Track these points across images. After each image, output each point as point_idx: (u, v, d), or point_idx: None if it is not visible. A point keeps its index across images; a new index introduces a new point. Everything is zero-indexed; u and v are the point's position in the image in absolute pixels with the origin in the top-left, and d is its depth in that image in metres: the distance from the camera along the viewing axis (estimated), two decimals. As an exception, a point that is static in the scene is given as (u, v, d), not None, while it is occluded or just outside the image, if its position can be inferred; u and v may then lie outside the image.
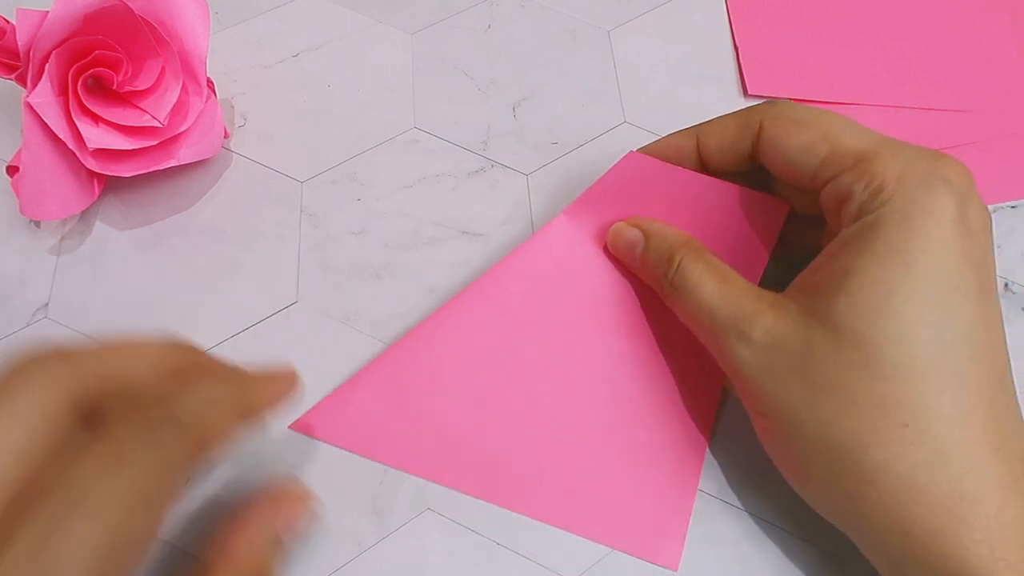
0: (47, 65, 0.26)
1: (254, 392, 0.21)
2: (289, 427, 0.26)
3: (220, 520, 0.23)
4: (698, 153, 0.25)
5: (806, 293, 0.21)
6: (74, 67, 0.27)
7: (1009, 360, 0.21)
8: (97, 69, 0.27)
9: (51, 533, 0.15)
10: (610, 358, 0.26)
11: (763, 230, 0.25)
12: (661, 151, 0.26)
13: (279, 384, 0.22)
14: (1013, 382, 0.21)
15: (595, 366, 0.26)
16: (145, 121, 0.28)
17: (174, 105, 0.28)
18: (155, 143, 0.28)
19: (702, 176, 0.25)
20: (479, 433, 0.25)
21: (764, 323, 0.21)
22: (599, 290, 0.27)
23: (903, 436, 0.19)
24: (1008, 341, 0.28)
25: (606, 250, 0.27)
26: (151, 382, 0.19)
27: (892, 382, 0.19)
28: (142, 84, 0.28)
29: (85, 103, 0.27)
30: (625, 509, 0.24)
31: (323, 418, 0.26)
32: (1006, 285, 0.30)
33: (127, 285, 0.29)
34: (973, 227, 0.20)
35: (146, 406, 0.17)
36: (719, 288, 0.23)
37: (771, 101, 0.24)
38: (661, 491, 0.24)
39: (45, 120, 0.26)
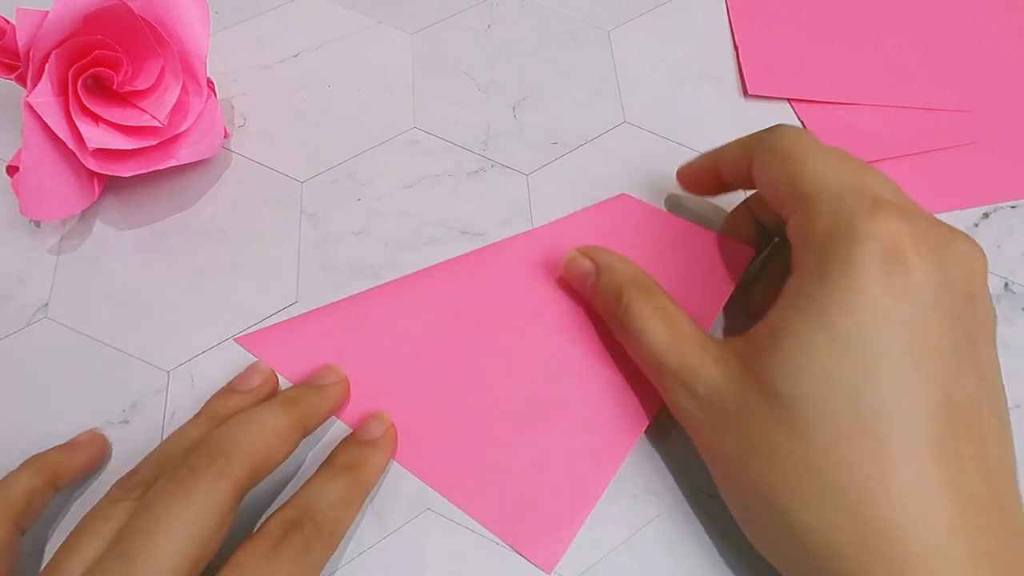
0: (47, 65, 0.26)
1: (369, 476, 0.23)
2: (235, 339, 0.27)
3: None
4: (717, 175, 0.26)
5: (750, 345, 0.21)
6: (74, 67, 0.27)
7: (974, 424, 0.19)
8: (97, 69, 0.27)
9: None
10: (550, 361, 0.26)
11: (725, 273, 0.27)
12: (688, 177, 0.27)
13: (386, 453, 0.24)
14: (972, 448, 0.19)
15: (534, 364, 0.26)
16: (145, 121, 0.28)
17: (174, 105, 0.28)
18: (155, 143, 0.28)
19: (678, 219, 0.28)
20: (406, 394, 0.26)
21: (707, 378, 0.21)
22: (555, 300, 0.27)
23: (827, 500, 0.19)
24: (1008, 341, 0.29)
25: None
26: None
27: (813, 446, 0.19)
28: (142, 84, 0.28)
29: (85, 103, 0.27)
30: (521, 501, 0.24)
31: (269, 341, 0.27)
32: (1006, 285, 0.30)
33: (127, 285, 0.29)
34: (904, 286, 0.19)
35: (294, 515, 0.21)
36: (666, 335, 0.23)
37: (773, 128, 0.24)
38: (563, 493, 0.24)
39: (45, 120, 0.26)
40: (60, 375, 0.27)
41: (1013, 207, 0.32)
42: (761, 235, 0.27)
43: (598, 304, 0.26)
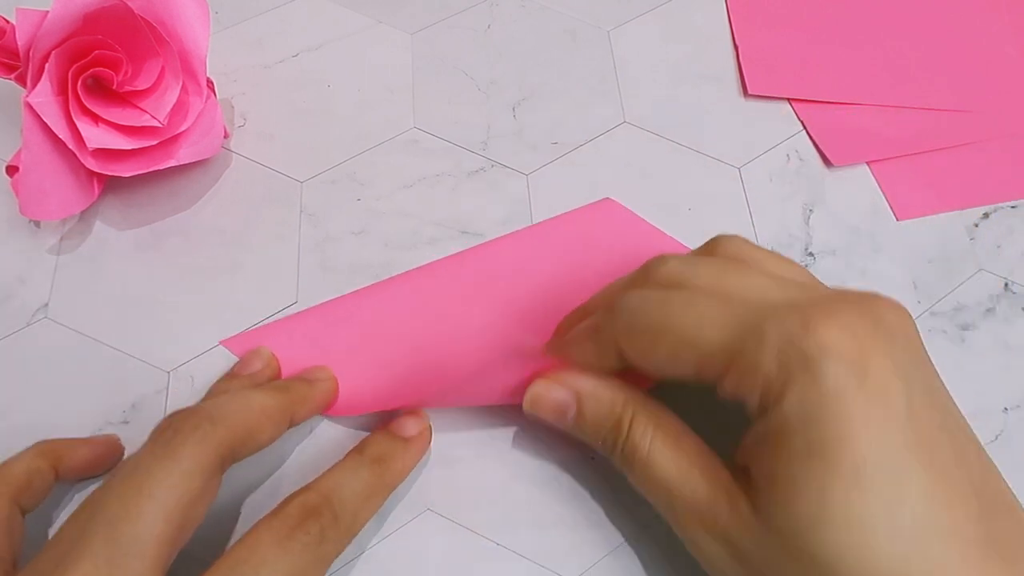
0: (47, 65, 0.26)
1: (396, 474, 0.23)
2: (220, 343, 0.26)
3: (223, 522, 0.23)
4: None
5: (749, 483, 0.19)
6: (74, 67, 0.27)
7: (996, 492, 0.18)
8: (97, 69, 0.27)
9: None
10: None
11: None
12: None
13: (418, 453, 0.24)
14: (1010, 522, 0.18)
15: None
16: (145, 121, 0.28)
17: (174, 105, 0.28)
18: (155, 143, 0.28)
19: (660, 232, 0.28)
20: (388, 391, 0.26)
21: (722, 520, 0.19)
22: (530, 304, 0.27)
23: None
24: (1008, 341, 0.29)
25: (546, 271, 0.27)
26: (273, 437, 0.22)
27: None
28: (142, 84, 0.28)
29: (85, 103, 0.27)
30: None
31: (253, 343, 0.26)
32: (1006, 285, 0.30)
33: (127, 285, 0.29)
34: (879, 387, 0.18)
35: (315, 501, 0.21)
36: (673, 463, 0.20)
37: (613, 308, 0.21)
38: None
39: (45, 120, 0.26)
40: (60, 375, 0.27)
41: (1013, 207, 0.32)
42: None
43: (589, 439, 0.23)
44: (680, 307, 0.20)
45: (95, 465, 0.24)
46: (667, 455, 0.21)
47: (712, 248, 0.23)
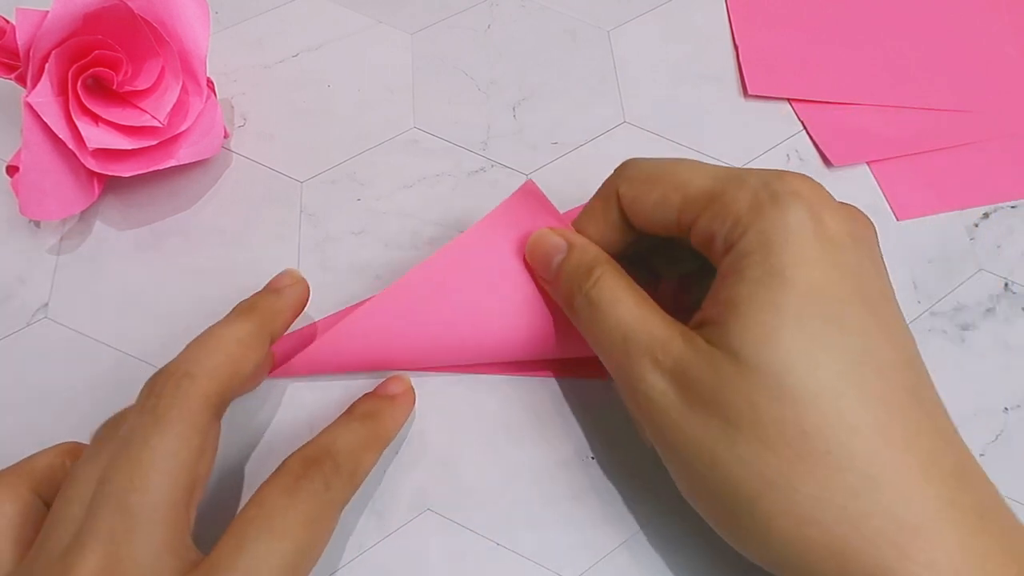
0: (47, 65, 0.26)
1: (387, 426, 0.24)
2: (270, 375, 0.26)
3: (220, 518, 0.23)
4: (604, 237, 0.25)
5: (704, 327, 0.20)
6: (74, 67, 0.27)
7: (921, 367, 0.20)
8: (97, 69, 0.27)
9: (249, 543, 0.19)
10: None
11: None
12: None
13: (405, 409, 0.25)
14: (933, 394, 0.20)
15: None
16: (145, 121, 0.28)
17: (174, 105, 0.28)
18: (155, 143, 0.28)
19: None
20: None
21: (678, 351, 0.20)
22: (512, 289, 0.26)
23: (829, 463, 0.18)
24: (1008, 341, 0.29)
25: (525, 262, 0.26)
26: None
27: (804, 407, 0.18)
28: (142, 84, 0.28)
29: (85, 103, 0.27)
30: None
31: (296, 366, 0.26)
32: (1006, 285, 0.30)
33: (127, 285, 0.29)
34: (834, 236, 0.20)
35: (314, 452, 0.21)
36: (635, 308, 0.21)
37: (622, 164, 0.24)
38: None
39: (45, 120, 0.26)
40: (60, 375, 0.27)
41: (1013, 207, 0.32)
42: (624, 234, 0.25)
43: (561, 283, 0.24)
44: (677, 163, 0.23)
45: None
46: (629, 302, 0.22)
47: (614, 188, 0.25)
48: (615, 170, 0.24)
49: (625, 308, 0.22)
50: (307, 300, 0.25)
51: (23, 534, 0.20)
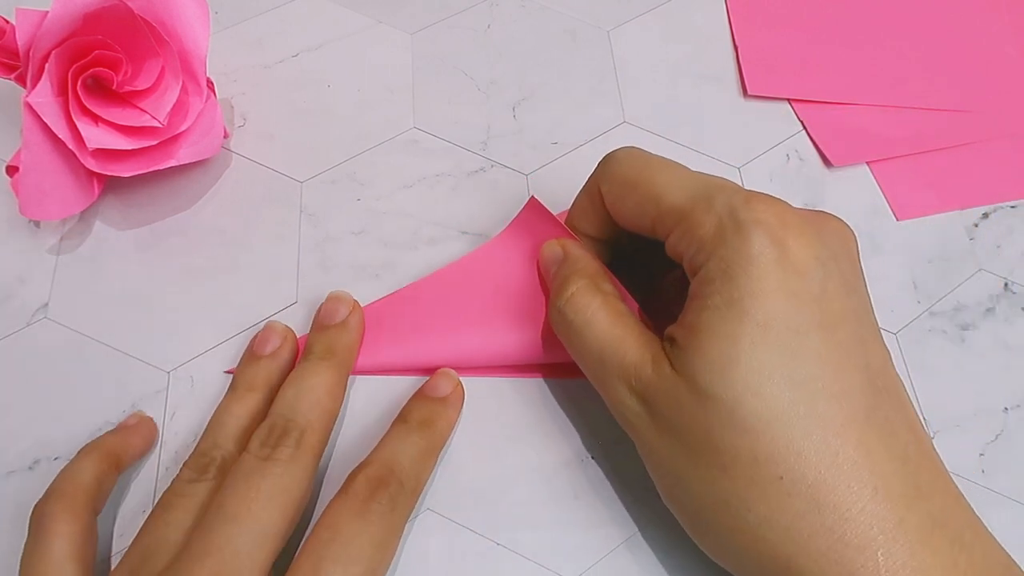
0: (47, 65, 0.26)
1: (443, 433, 0.25)
2: None
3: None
4: (592, 241, 0.26)
5: (673, 347, 0.21)
6: (74, 67, 0.27)
7: (887, 386, 0.20)
8: (97, 69, 0.27)
9: (326, 567, 0.20)
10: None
11: None
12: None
13: (456, 409, 0.26)
14: (897, 412, 0.20)
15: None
16: (145, 121, 0.28)
17: (174, 105, 0.28)
18: (155, 143, 0.28)
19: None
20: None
21: (645, 377, 0.21)
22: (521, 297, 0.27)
23: (780, 488, 0.19)
24: (1008, 341, 0.29)
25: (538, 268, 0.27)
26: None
27: (755, 435, 0.19)
28: (142, 84, 0.28)
29: (85, 103, 0.27)
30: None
31: None
32: (1006, 285, 0.30)
33: (127, 285, 0.29)
34: (796, 262, 0.20)
35: (379, 472, 0.22)
36: (611, 330, 0.22)
37: (606, 158, 0.24)
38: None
39: (45, 120, 0.26)
40: (60, 375, 0.27)
41: (1013, 207, 0.32)
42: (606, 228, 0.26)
43: (554, 289, 0.25)
44: (656, 169, 0.22)
45: (145, 450, 0.25)
46: (603, 323, 0.22)
47: (600, 180, 0.24)
48: (598, 164, 0.24)
49: (599, 329, 0.22)
50: (364, 323, 0.27)
51: (86, 554, 0.21)
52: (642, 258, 0.26)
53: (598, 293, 0.23)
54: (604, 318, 0.22)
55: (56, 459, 0.25)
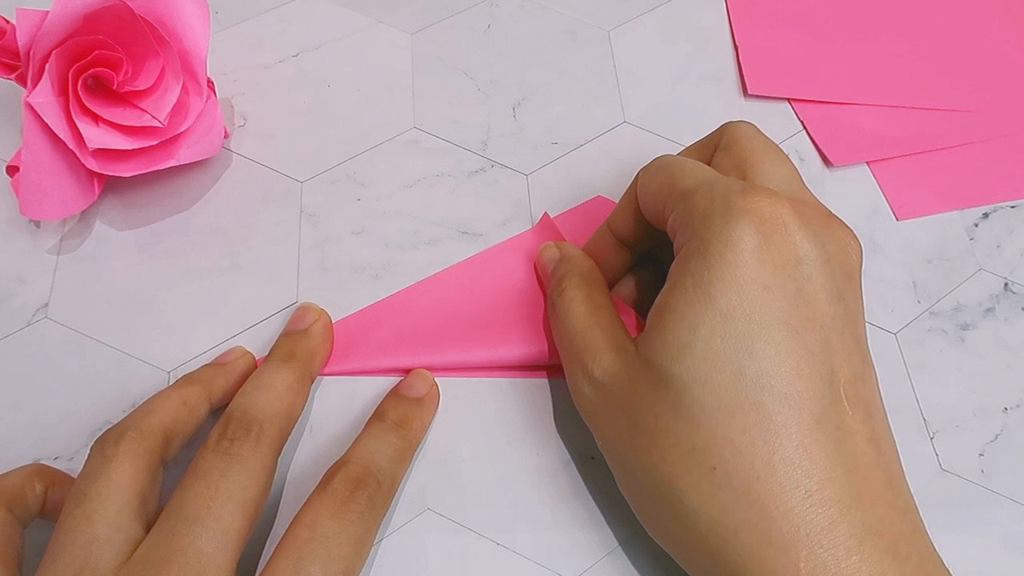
0: (47, 65, 0.26)
1: (418, 434, 0.25)
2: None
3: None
4: (615, 239, 0.26)
5: (641, 337, 0.21)
6: (74, 67, 0.27)
7: (858, 400, 0.20)
8: (97, 69, 0.27)
9: (306, 565, 0.20)
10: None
11: None
12: (590, 250, 0.27)
13: (432, 410, 0.26)
14: (857, 424, 0.19)
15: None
16: (145, 121, 0.28)
17: (174, 105, 0.28)
18: (155, 143, 0.28)
19: None
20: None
21: (604, 361, 0.22)
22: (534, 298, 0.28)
23: (712, 479, 0.19)
24: (1008, 341, 0.29)
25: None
26: None
27: (697, 424, 0.19)
28: (142, 84, 0.28)
29: (85, 103, 0.27)
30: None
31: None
32: (1006, 285, 0.30)
33: (127, 285, 0.29)
34: (778, 258, 0.19)
35: (358, 472, 0.22)
36: (584, 321, 0.23)
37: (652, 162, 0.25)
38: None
39: (45, 120, 0.26)
40: (60, 375, 0.27)
41: (1013, 207, 0.32)
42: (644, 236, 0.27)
43: (548, 287, 0.26)
44: (683, 163, 0.23)
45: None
46: (581, 313, 0.23)
47: (718, 137, 0.25)
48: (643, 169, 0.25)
49: (576, 317, 0.23)
50: (332, 329, 0.27)
51: (5, 551, 0.20)
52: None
53: (584, 287, 0.24)
54: (583, 309, 0.23)
55: (56, 459, 0.25)
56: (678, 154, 0.26)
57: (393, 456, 0.23)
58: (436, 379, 0.27)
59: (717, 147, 0.24)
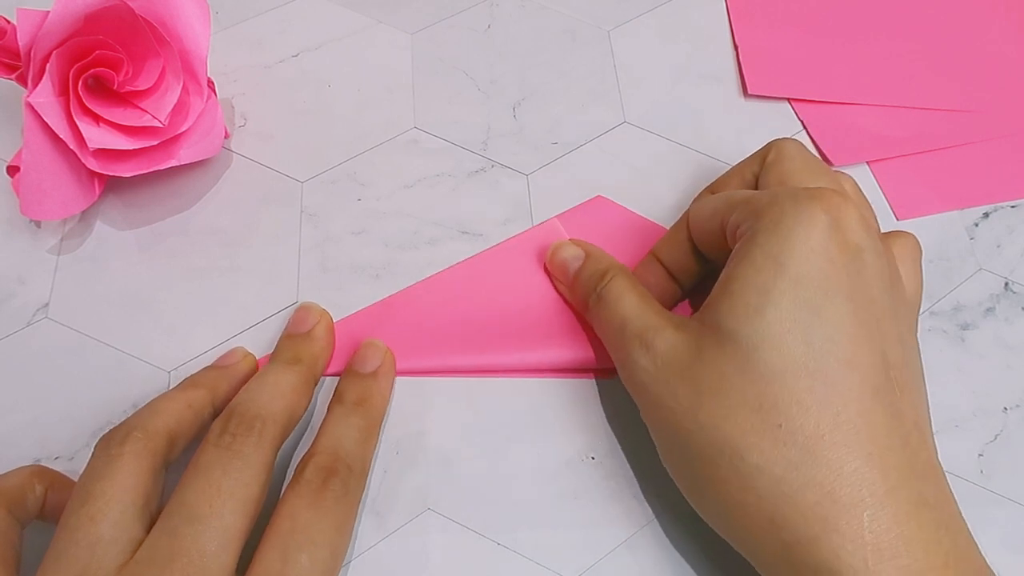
0: (48, 65, 0.26)
1: (379, 408, 0.25)
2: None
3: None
4: (662, 267, 0.27)
5: (705, 307, 0.22)
6: (75, 67, 0.27)
7: (902, 378, 0.20)
8: (98, 69, 0.27)
9: (293, 554, 0.20)
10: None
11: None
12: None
13: (389, 381, 0.26)
14: (905, 405, 0.20)
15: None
16: (146, 121, 0.28)
17: (175, 105, 0.28)
18: (156, 143, 0.28)
19: (651, 223, 0.30)
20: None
21: (665, 334, 0.22)
22: (539, 297, 0.28)
23: (776, 437, 0.19)
24: (1008, 341, 0.29)
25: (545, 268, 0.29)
26: None
27: (765, 382, 0.20)
28: (143, 84, 0.28)
29: (86, 103, 0.27)
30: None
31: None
32: (1006, 285, 0.30)
33: (127, 285, 0.29)
34: (847, 237, 0.21)
35: (327, 461, 0.22)
36: (637, 303, 0.24)
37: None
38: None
39: (46, 120, 0.26)
40: (60, 375, 0.27)
41: (1013, 207, 0.32)
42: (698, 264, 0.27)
43: (579, 287, 0.26)
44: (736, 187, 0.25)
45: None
46: (632, 298, 0.24)
47: (765, 153, 0.26)
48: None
49: (627, 301, 0.24)
50: (334, 331, 0.27)
51: (4, 552, 0.21)
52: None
53: (629, 278, 0.25)
54: (633, 296, 0.24)
55: (56, 459, 0.25)
56: (726, 172, 0.28)
57: (359, 438, 0.23)
58: (436, 379, 0.27)
59: (764, 162, 0.25)
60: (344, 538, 0.22)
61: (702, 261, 0.26)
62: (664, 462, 0.23)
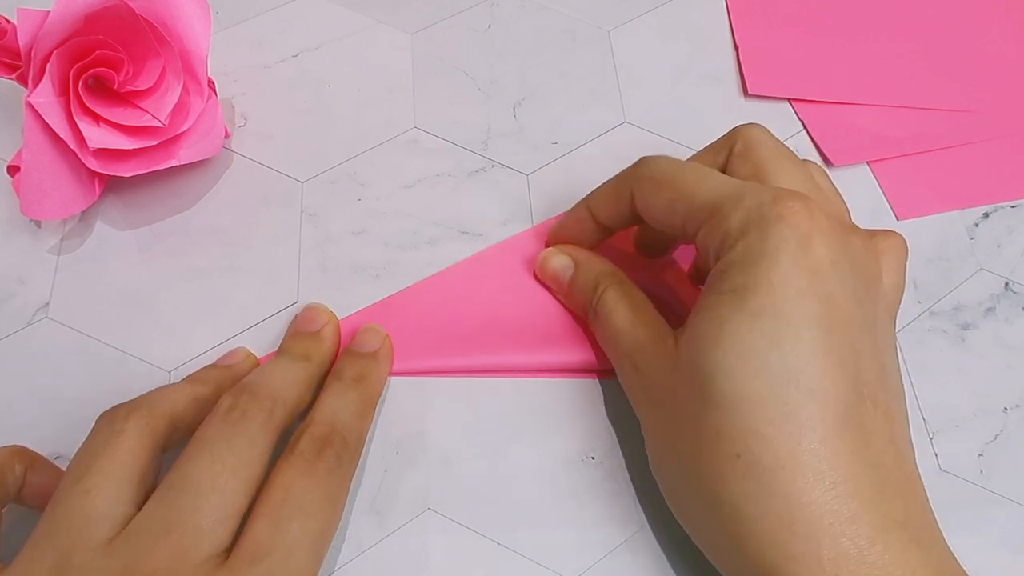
0: (48, 65, 0.26)
1: (377, 387, 0.25)
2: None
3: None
4: (595, 222, 0.27)
5: (680, 328, 0.23)
6: (75, 67, 0.27)
7: (880, 401, 0.20)
8: (98, 69, 0.27)
9: (283, 524, 0.20)
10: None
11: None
12: (566, 230, 0.28)
13: (387, 363, 0.26)
14: (877, 423, 0.20)
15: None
16: (146, 121, 0.28)
17: (175, 105, 0.28)
18: (156, 143, 0.28)
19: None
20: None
21: (649, 357, 0.23)
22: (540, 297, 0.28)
23: (735, 467, 0.19)
24: (1008, 341, 0.29)
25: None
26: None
27: (723, 412, 0.20)
28: (143, 84, 0.28)
29: (86, 103, 0.27)
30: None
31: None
32: (1006, 285, 0.30)
33: (127, 285, 0.29)
34: (813, 262, 0.20)
35: (323, 431, 0.22)
36: (627, 317, 0.24)
37: (640, 160, 0.25)
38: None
39: (46, 120, 0.26)
40: (60, 375, 0.27)
41: (1013, 207, 0.32)
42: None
43: (574, 297, 0.27)
44: (690, 171, 0.23)
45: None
46: (623, 312, 0.24)
47: (731, 141, 0.25)
48: (632, 167, 0.25)
49: (618, 316, 0.25)
50: (340, 333, 0.27)
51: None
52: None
53: (619, 287, 0.25)
54: (624, 311, 0.25)
55: (57, 458, 0.25)
56: (689, 159, 0.26)
57: (355, 412, 0.24)
58: (436, 379, 0.27)
59: (731, 152, 0.25)
60: (336, 511, 0.22)
61: (638, 216, 0.25)
62: (654, 473, 0.24)
